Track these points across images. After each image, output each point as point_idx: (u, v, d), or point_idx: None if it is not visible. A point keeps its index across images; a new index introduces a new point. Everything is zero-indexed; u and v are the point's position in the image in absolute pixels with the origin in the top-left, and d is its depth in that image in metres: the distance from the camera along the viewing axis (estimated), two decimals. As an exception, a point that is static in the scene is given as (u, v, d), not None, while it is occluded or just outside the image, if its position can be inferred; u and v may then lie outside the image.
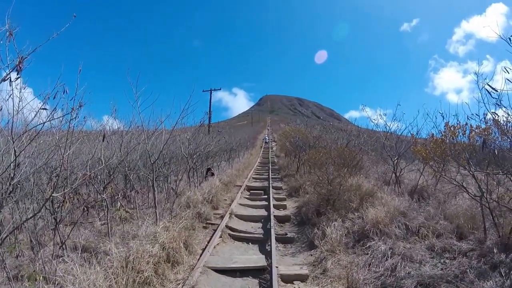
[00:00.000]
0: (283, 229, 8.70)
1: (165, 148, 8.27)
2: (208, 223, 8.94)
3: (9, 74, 3.02)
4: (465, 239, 5.55)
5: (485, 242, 5.16)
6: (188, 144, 11.06)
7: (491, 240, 5.15)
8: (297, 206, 10.42)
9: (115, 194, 6.69)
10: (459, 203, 6.67)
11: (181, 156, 10.65)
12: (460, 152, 5.84)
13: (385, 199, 7.56)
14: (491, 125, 5.21)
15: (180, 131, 11.35)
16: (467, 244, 5.31)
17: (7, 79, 3.02)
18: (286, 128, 41.69)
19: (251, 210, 10.71)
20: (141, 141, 7.61)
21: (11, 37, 2.90)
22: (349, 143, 15.42)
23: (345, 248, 6.17)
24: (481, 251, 4.96)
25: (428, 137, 7.88)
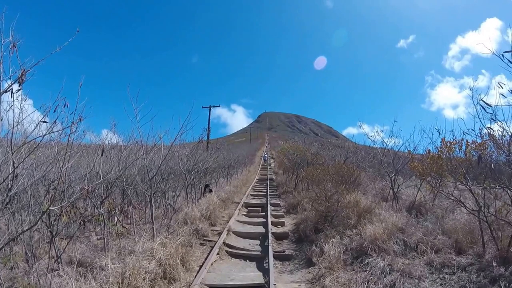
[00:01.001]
0: (281, 246, 8.64)
1: (164, 164, 8.26)
2: (206, 239, 8.87)
3: (11, 86, 3.06)
4: (464, 254, 5.53)
5: (484, 256, 5.14)
6: (186, 160, 11.06)
7: (490, 254, 5.13)
8: (295, 223, 10.34)
9: (113, 209, 6.65)
10: (457, 218, 6.66)
11: (179, 172, 10.63)
12: (457, 167, 5.87)
13: (383, 215, 7.54)
14: (486, 140, 5.26)
15: (178, 147, 11.37)
16: (466, 258, 5.29)
17: (8, 91, 3.06)
18: (284, 145, 41.69)
19: (249, 227, 10.63)
20: (140, 156, 7.60)
21: (14, 49, 2.95)
22: (346, 159, 15.46)
23: (343, 265, 6.13)
24: (480, 265, 4.94)
25: (424, 153, 7.92)
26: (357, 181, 10.26)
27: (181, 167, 10.43)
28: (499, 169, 5.09)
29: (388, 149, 10.66)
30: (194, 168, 11.70)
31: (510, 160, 4.65)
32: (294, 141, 57.18)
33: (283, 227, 10.57)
